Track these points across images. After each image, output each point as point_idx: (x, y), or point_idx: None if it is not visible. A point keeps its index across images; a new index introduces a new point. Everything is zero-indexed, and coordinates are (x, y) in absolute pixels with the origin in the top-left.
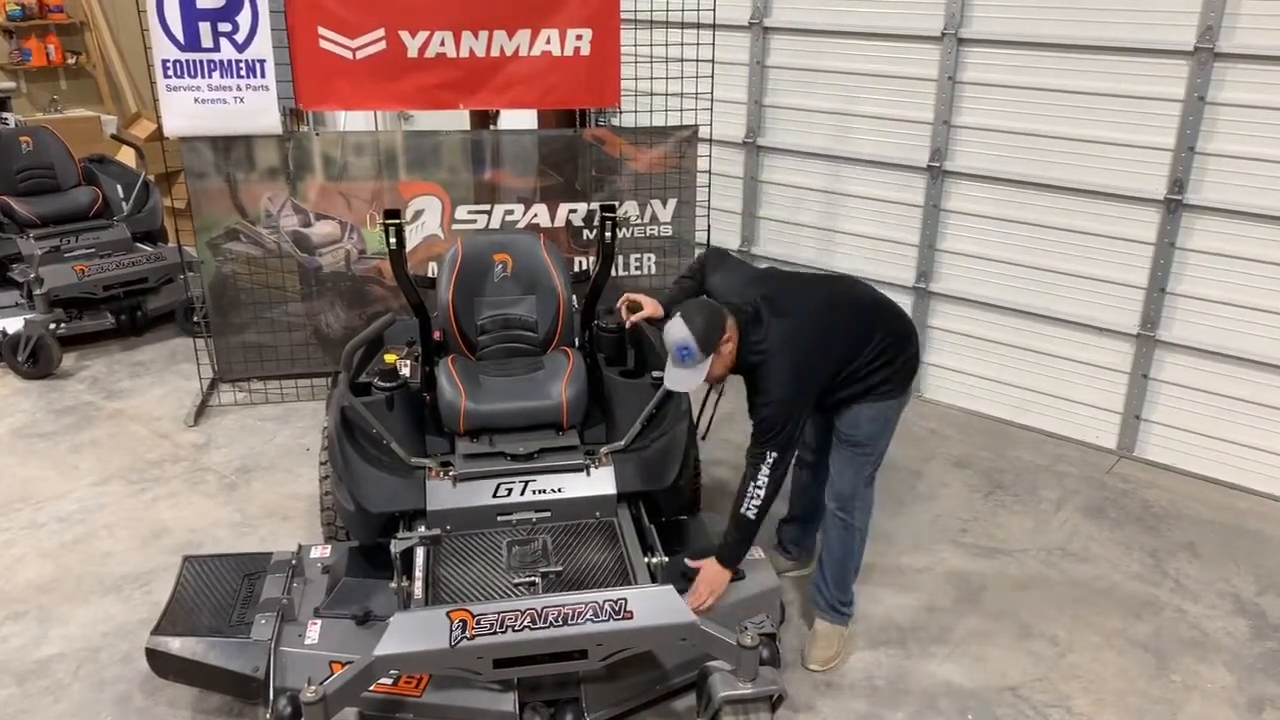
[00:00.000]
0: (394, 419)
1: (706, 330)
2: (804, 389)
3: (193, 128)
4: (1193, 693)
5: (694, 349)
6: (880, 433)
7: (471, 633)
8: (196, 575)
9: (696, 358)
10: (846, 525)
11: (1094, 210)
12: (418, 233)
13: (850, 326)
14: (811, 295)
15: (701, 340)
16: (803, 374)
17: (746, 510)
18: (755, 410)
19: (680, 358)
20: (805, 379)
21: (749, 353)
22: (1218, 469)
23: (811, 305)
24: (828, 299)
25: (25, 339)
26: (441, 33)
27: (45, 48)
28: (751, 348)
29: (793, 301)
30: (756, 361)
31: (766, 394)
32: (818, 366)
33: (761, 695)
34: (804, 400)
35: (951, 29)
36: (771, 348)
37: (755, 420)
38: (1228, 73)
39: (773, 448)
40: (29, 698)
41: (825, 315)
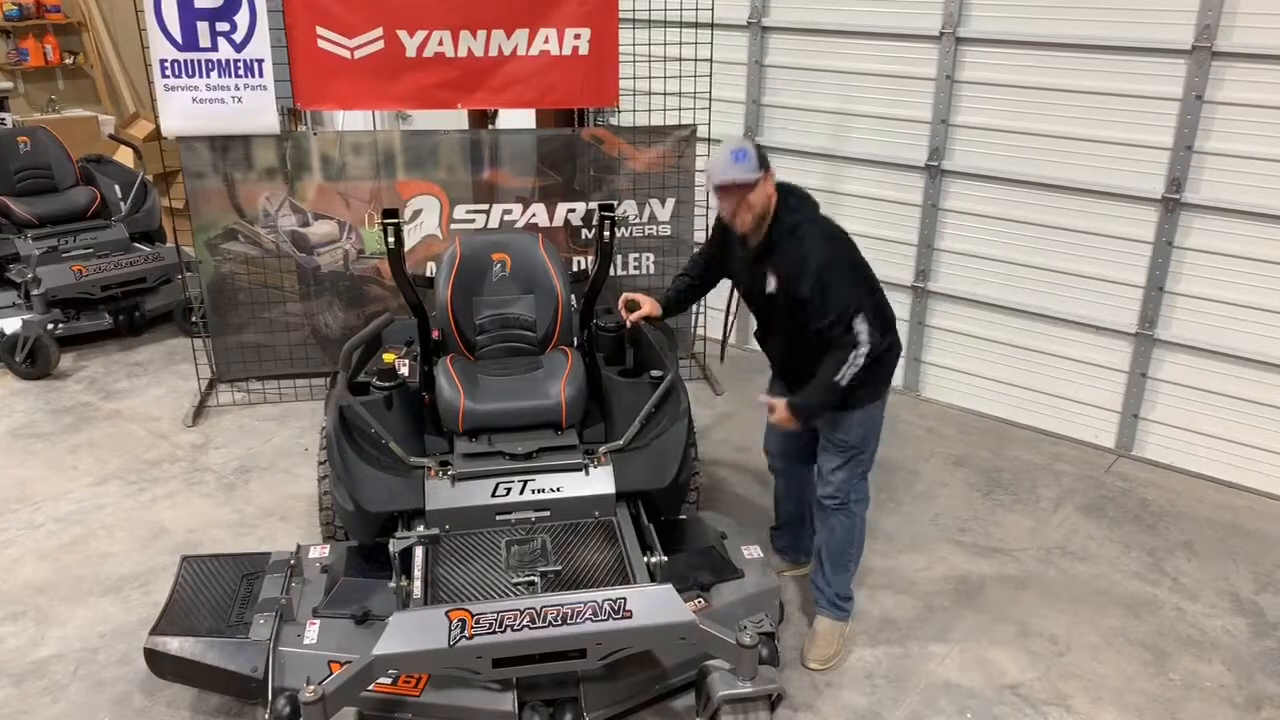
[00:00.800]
0: (393, 419)
1: (760, 151)
2: (845, 256)
3: (191, 128)
4: (1191, 691)
5: (750, 153)
6: (869, 435)
7: (470, 632)
8: (195, 575)
9: (751, 162)
10: (848, 514)
11: (1092, 209)
12: (416, 232)
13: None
14: None
15: (757, 154)
16: (839, 246)
17: (840, 378)
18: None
19: (735, 158)
20: (843, 250)
21: (786, 211)
22: (1216, 468)
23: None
24: None
25: (23, 339)
26: (439, 32)
27: (43, 48)
28: (789, 207)
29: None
30: (793, 223)
31: (814, 270)
32: (851, 250)
33: (760, 694)
34: (852, 266)
35: (950, 28)
36: (805, 217)
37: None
38: (1225, 72)
39: (854, 308)
40: (27, 698)
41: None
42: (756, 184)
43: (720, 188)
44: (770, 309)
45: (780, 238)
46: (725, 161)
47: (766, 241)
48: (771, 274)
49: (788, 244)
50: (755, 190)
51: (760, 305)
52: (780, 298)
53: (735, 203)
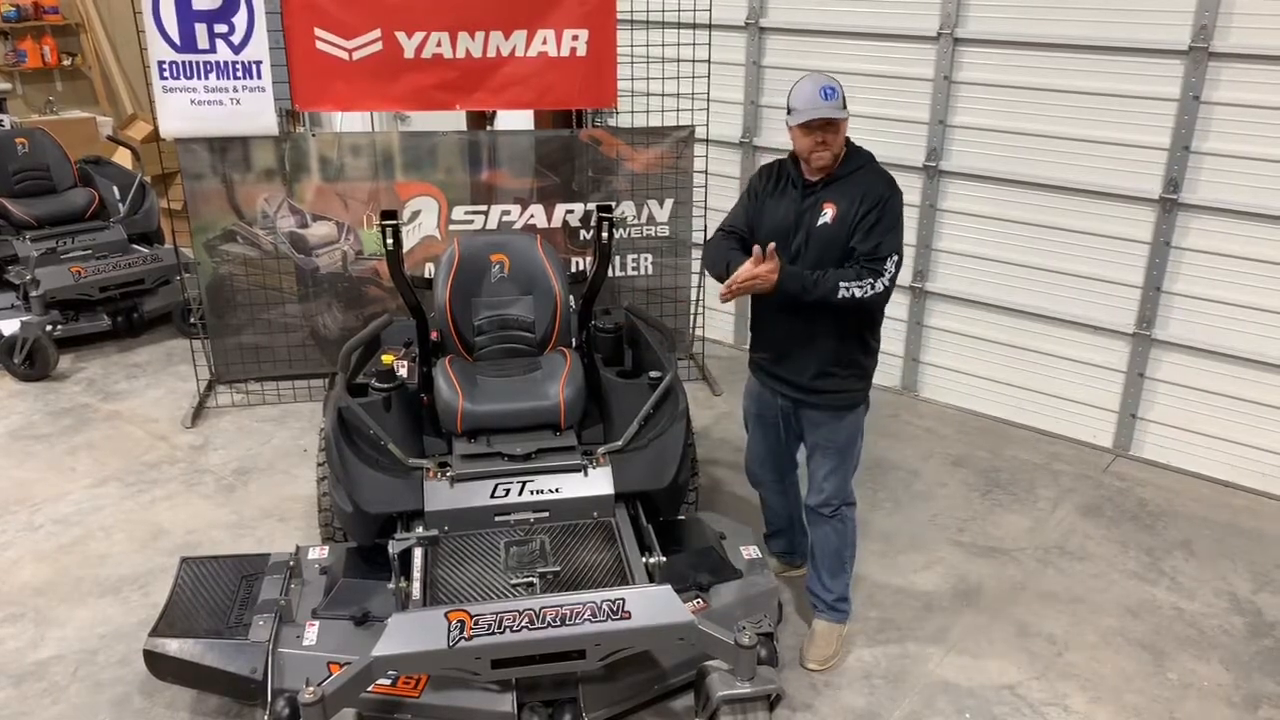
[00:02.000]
0: (391, 420)
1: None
2: (900, 200)
3: (189, 129)
4: (1189, 690)
5: (838, 89)
6: (856, 435)
7: (469, 633)
8: (194, 577)
9: (840, 98)
10: (842, 519)
11: (1090, 210)
12: (415, 233)
13: None
14: None
15: (841, 90)
16: (897, 190)
17: (845, 287)
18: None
19: (826, 95)
20: (899, 194)
21: (855, 151)
22: (1213, 467)
23: None
24: None
25: (22, 341)
26: (438, 34)
27: (41, 49)
28: (857, 149)
29: None
30: (863, 161)
31: (880, 197)
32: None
33: (759, 694)
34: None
35: (947, 29)
36: (868, 159)
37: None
38: (1222, 72)
39: (896, 249)
40: (26, 700)
41: None
42: (843, 122)
43: (809, 124)
44: (802, 247)
45: (850, 171)
46: (814, 97)
47: (831, 176)
48: (829, 205)
49: (858, 175)
50: (841, 128)
51: (793, 244)
52: (830, 231)
53: (819, 138)
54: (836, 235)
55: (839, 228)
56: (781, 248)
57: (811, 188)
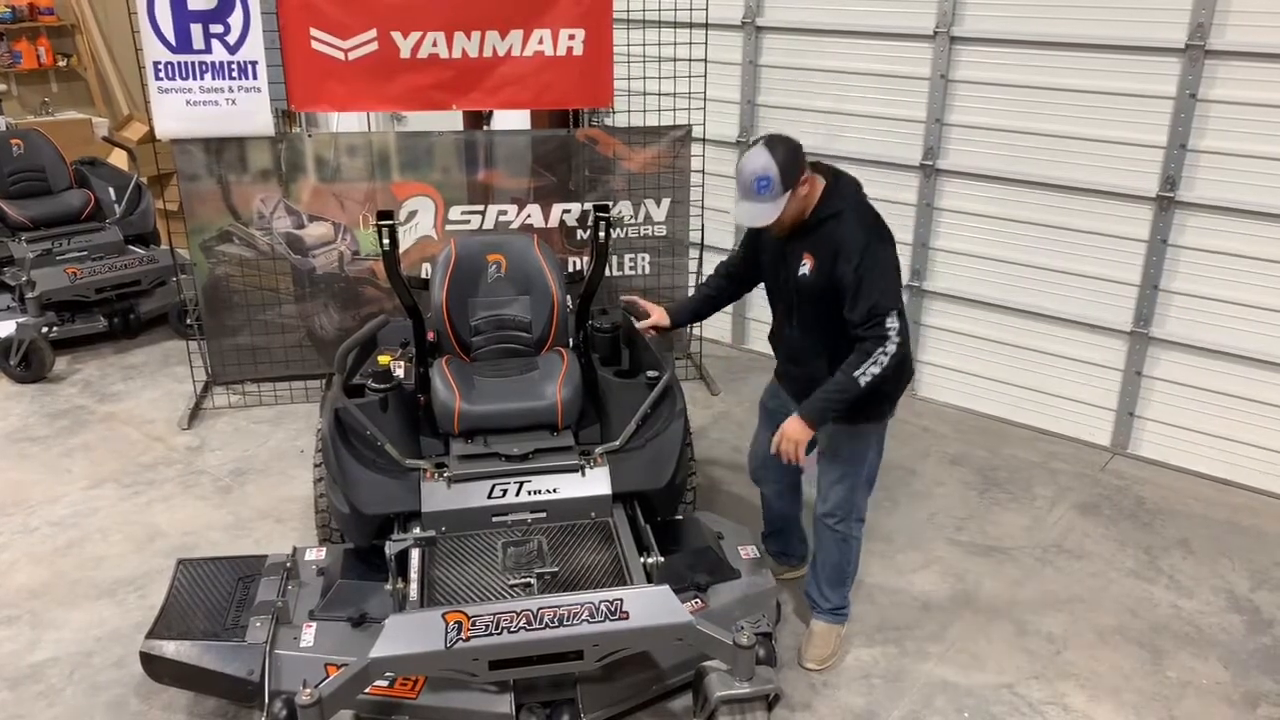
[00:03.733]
0: (388, 420)
1: (789, 161)
2: (883, 239)
3: (185, 130)
4: (1188, 689)
5: (774, 179)
6: (869, 451)
7: (467, 634)
8: (191, 578)
9: (775, 190)
10: (844, 538)
11: (1087, 208)
12: (411, 234)
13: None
14: None
15: (783, 170)
16: (878, 232)
17: (861, 374)
18: (848, 277)
19: (758, 189)
20: (883, 238)
21: (831, 196)
22: (1212, 465)
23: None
24: None
25: (17, 342)
26: (434, 33)
27: (36, 50)
28: (835, 191)
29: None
30: (836, 209)
31: (853, 252)
32: (891, 248)
33: (758, 695)
34: (887, 250)
35: (944, 27)
36: (846, 204)
37: (855, 286)
38: (1219, 70)
39: (890, 306)
40: (22, 703)
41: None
42: (781, 212)
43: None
44: (795, 298)
45: (821, 221)
46: (748, 189)
47: (806, 223)
48: (807, 255)
49: (829, 226)
50: (781, 216)
51: (786, 294)
52: (812, 282)
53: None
54: (821, 288)
55: (820, 279)
56: (777, 296)
57: (787, 237)
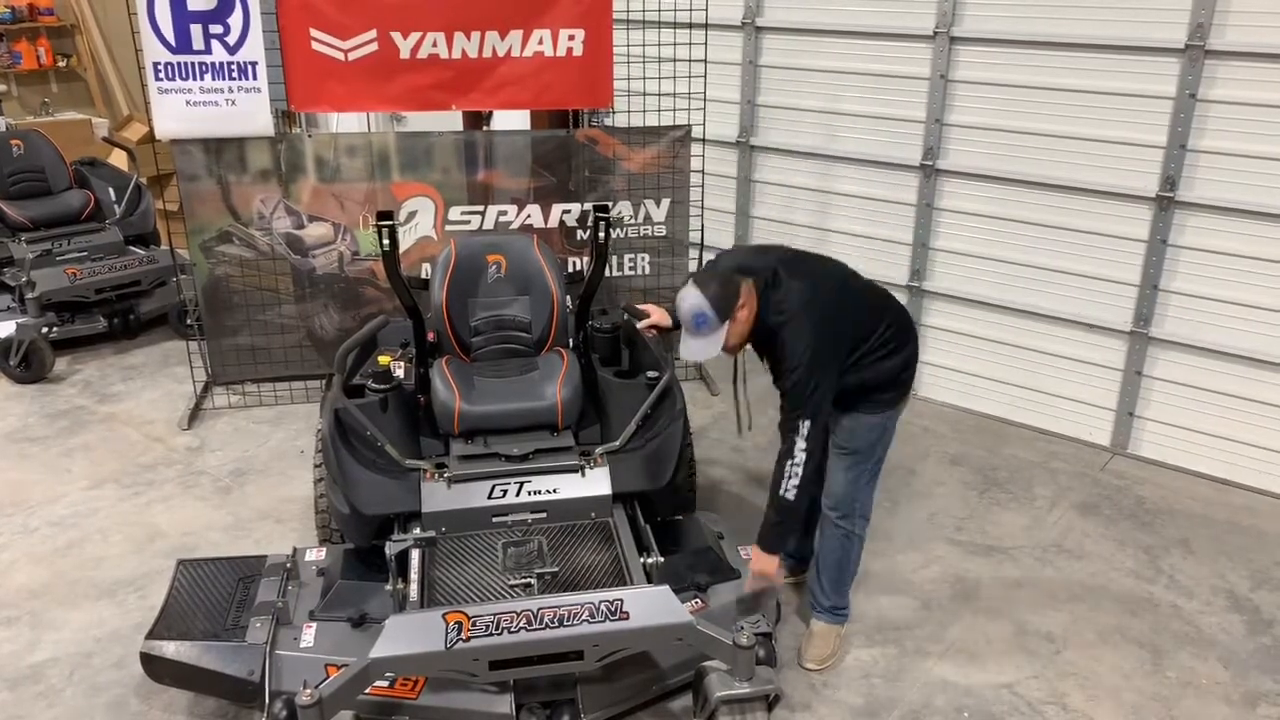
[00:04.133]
0: (388, 421)
1: (722, 295)
2: (829, 350)
3: (184, 130)
4: (1188, 689)
5: (710, 315)
6: (878, 441)
7: (467, 635)
8: (191, 579)
9: (712, 324)
10: (846, 534)
11: (1086, 208)
12: (411, 234)
13: (863, 301)
14: (827, 265)
15: (717, 305)
16: (826, 334)
17: (785, 492)
18: (782, 378)
19: (696, 325)
20: (829, 340)
21: (770, 314)
22: (1211, 465)
23: (829, 272)
24: (841, 272)
25: (17, 343)
26: (433, 34)
27: (36, 50)
28: (773, 308)
29: (811, 266)
30: (778, 323)
31: (792, 356)
32: (839, 330)
33: (758, 695)
34: (831, 362)
35: (944, 27)
36: (792, 309)
37: (784, 389)
38: (1219, 70)
39: (805, 415)
40: (22, 703)
41: (841, 285)
42: (725, 339)
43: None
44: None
45: (764, 335)
46: (689, 325)
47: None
48: (765, 358)
49: (771, 340)
50: (726, 341)
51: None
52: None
53: None
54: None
55: (776, 378)
56: None
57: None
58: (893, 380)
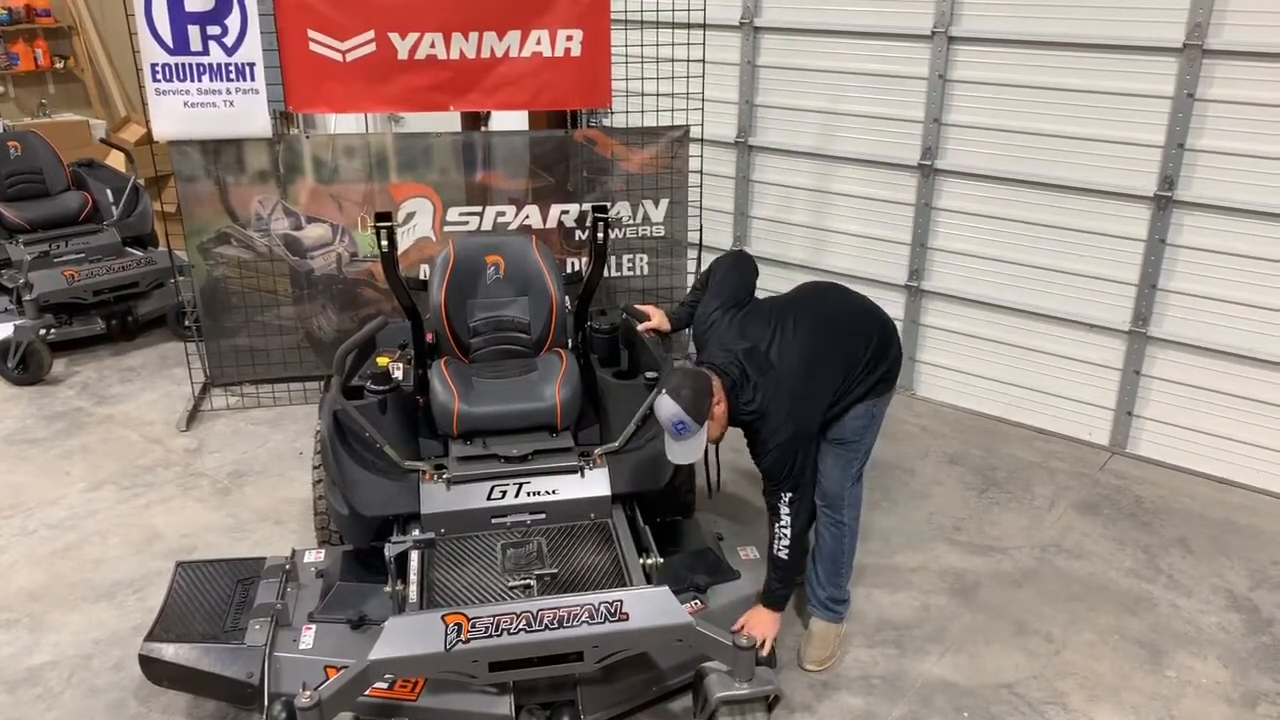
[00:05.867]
0: (387, 422)
1: (695, 400)
2: (803, 429)
3: (182, 132)
4: (1187, 688)
5: (688, 422)
6: (866, 429)
7: (466, 636)
8: (190, 581)
9: (692, 429)
10: (837, 523)
11: (1085, 207)
12: (409, 235)
13: (837, 348)
14: (794, 332)
15: (693, 411)
16: (799, 416)
17: (779, 552)
18: (759, 459)
19: (678, 432)
20: (803, 419)
21: (740, 414)
22: (1210, 464)
23: (795, 349)
24: (811, 327)
25: (15, 345)
26: (431, 34)
27: (33, 52)
28: (742, 409)
29: (774, 350)
30: (750, 420)
31: (765, 443)
32: (813, 405)
33: (758, 695)
34: (806, 438)
35: (942, 27)
36: (762, 405)
37: (761, 468)
38: (1216, 69)
39: (786, 488)
40: (20, 706)
41: (810, 353)
42: (706, 437)
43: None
44: None
45: (745, 422)
46: (671, 432)
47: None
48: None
49: (753, 425)
50: (709, 436)
51: None
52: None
53: None
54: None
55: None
56: None
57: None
58: (875, 385)
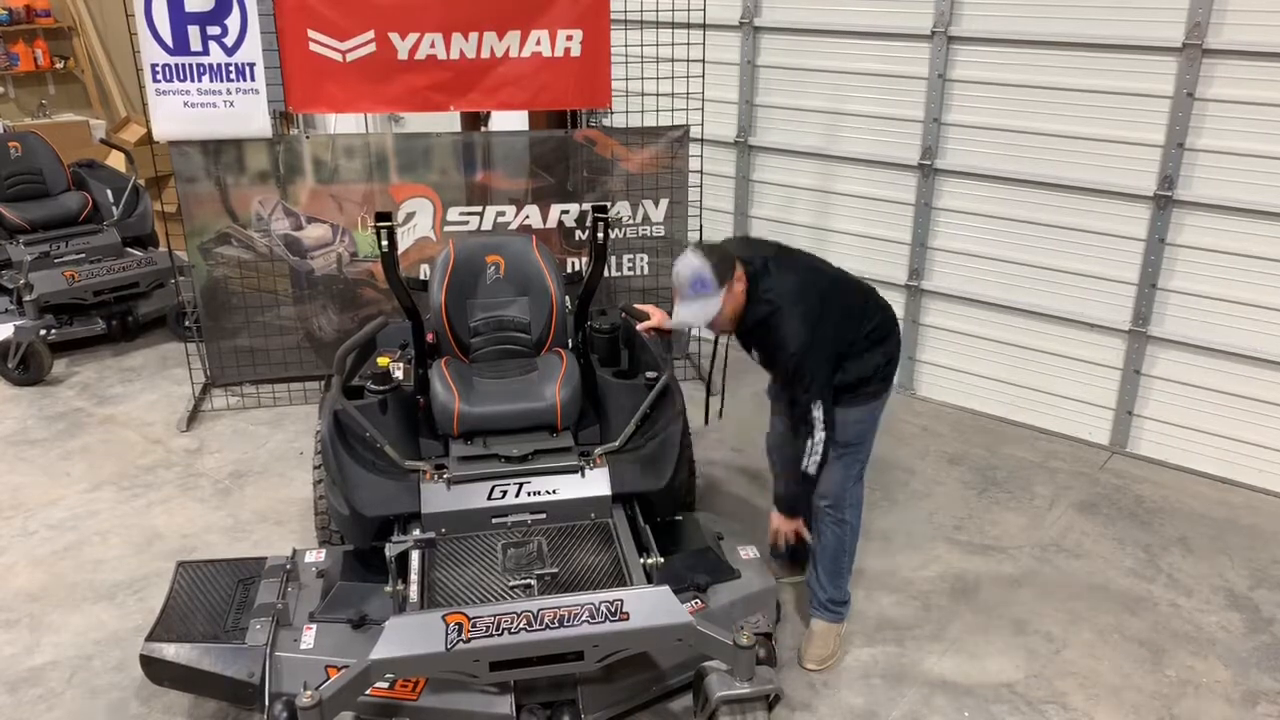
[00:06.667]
0: (387, 422)
1: (720, 263)
2: (820, 337)
3: (182, 132)
4: (1187, 687)
5: (709, 279)
6: (867, 432)
7: (467, 636)
8: (190, 581)
9: (711, 288)
10: (839, 522)
11: (1085, 207)
12: (409, 235)
13: (849, 298)
14: (815, 262)
15: (716, 272)
16: (814, 325)
17: (807, 466)
18: (781, 368)
19: (694, 289)
20: (818, 329)
21: (759, 300)
22: (1210, 464)
23: (815, 268)
24: (826, 269)
25: (16, 345)
26: (431, 34)
27: (33, 52)
28: (761, 295)
29: (797, 263)
30: (766, 311)
31: (785, 346)
32: (827, 323)
33: (758, 695)
34: (824, 347)
35: (941, 27)
36: (780, 298)
37: (784, 378)
38: (1216, 68)
39: (813, 397)
40: (21, 706)
41: (827, 281)
42: (721, 307)
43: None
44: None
45: (754, 324)
46: (685, 292)
47: (742, 324)
48: (755, 348)
49: (762, 329)
50: (721, 311)
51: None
52: (766, 365)
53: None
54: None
55: (771, 367)
56: None
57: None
58: (876, 372)
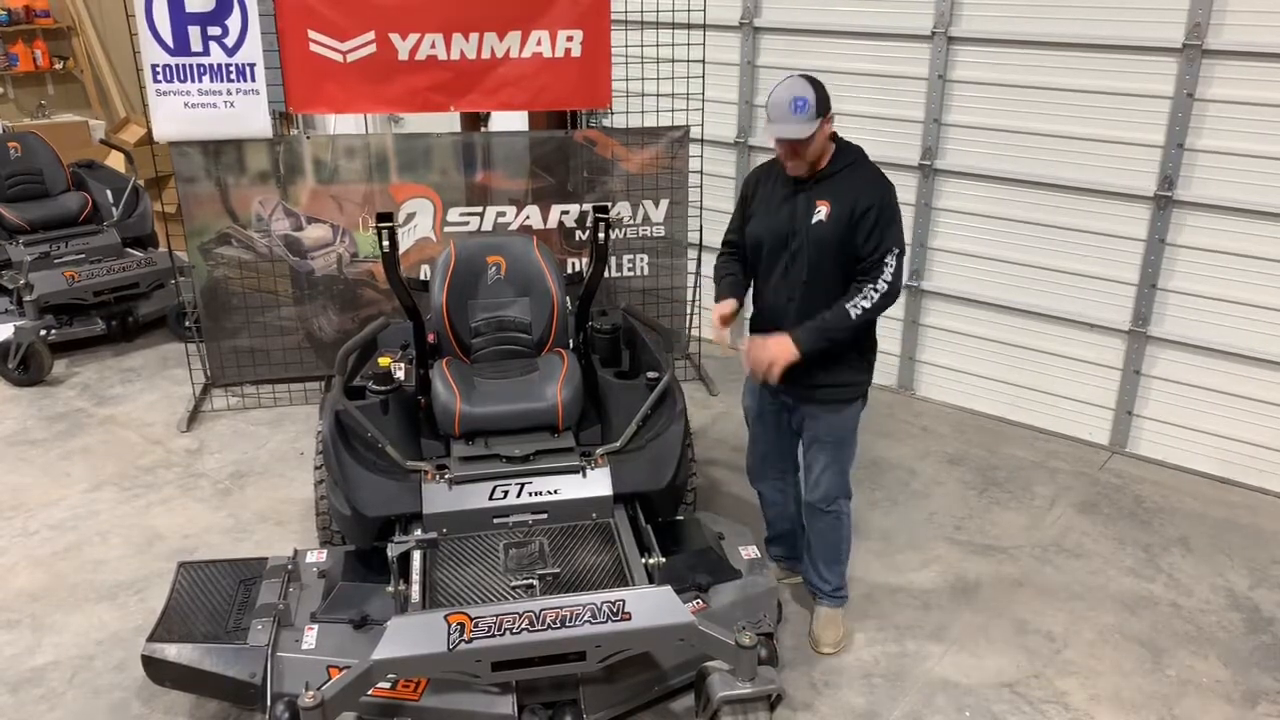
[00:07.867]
0: (389, 422)
1: (821, 92)
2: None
3: (183, 132)
4: (1188, 687)
5: (810, 102)
6: (855, 428)
7: (469, 636)
8: (192, 581)
9: (809, 113)
10: (837, 516)
11: (1085, 207)
12: (410, 235)
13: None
14: None
15: (817, 98)
16: (890, 184)
17: (852, 306)
18: (870, 218)
19: (794, 109)
20: (892, 187)
21: (845, 148)
22: (1210, 463)
23: None
24: None
25: (16, 346)
26: (431, 35)
27: (32, 53)
28: (846, 146)
29: None
30: (853, 157)
31: (876, 196)
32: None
33: (760, 695)
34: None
35: (941, 27)
36: (861, 155)
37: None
38: (1216, 69)
39: (894, 242)
40: (23, 707)
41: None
42: (814, 135)
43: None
44: (803, 249)
45: (839, 168)
46: (784, 111)
47: (822, 172)
48: (823, 204)
49: (848, 173)
50: (813, 140)
51: (790, 247)
52: (827, 230)
53: (790, 148)
54: (832, 236)
55: (834, 228)
56: (778, 251)
57: (803, 185)
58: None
